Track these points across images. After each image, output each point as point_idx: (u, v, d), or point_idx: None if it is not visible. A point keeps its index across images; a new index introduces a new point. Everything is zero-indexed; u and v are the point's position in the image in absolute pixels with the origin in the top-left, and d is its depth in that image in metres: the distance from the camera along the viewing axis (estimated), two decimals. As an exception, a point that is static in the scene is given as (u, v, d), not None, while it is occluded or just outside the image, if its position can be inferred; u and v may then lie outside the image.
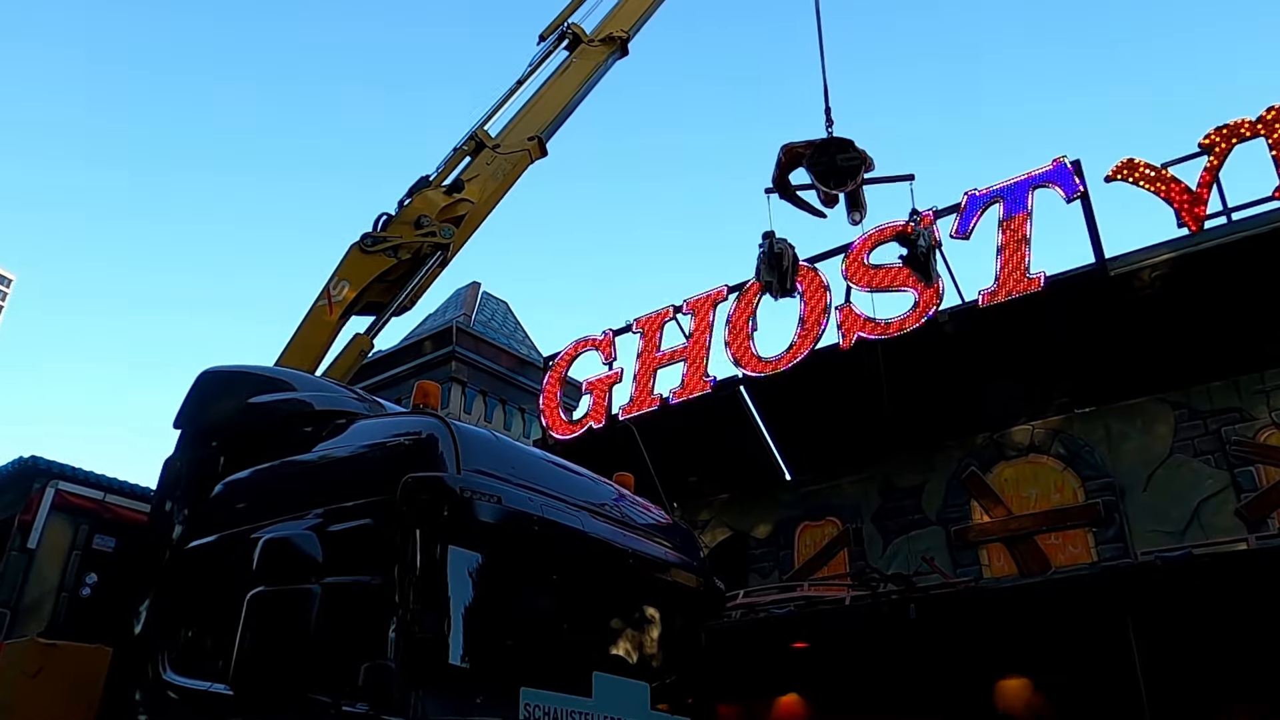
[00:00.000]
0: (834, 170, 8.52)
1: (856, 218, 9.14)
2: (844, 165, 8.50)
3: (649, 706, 4.78)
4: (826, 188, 8.61)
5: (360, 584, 4.09)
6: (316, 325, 7.86)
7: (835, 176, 8.54)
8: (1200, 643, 8.11)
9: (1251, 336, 10.66)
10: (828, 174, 8.55)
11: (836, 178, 8.54)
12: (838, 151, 8.55)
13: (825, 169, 8.55)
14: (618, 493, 5.43)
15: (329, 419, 5.22)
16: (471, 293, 18.60)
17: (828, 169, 8.53)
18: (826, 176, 8.55)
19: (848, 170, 8.51)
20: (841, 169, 8.51)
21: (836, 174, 8.54)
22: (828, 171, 8.54)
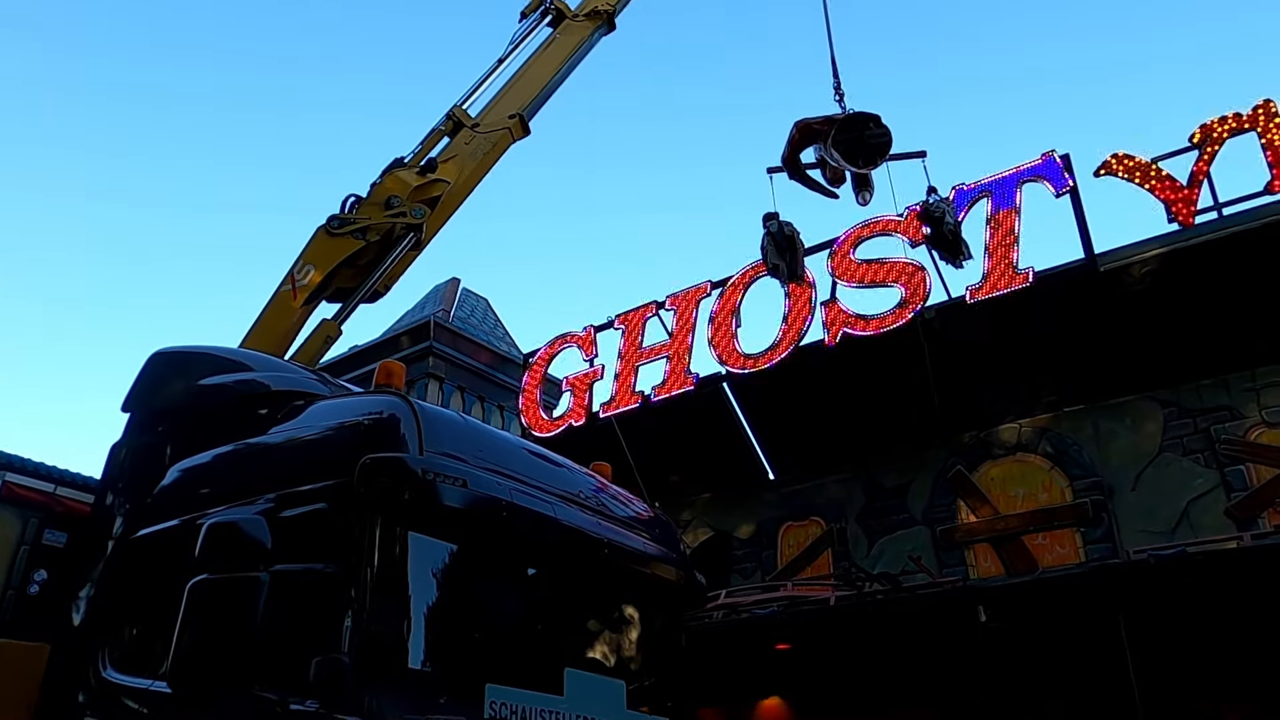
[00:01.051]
0: (862, 146, 7.95)
1: (865, 198, 8.72)
2: (873, 142, 7.93)
3: (625, 706, 4.49)
4: (855, 166, 8.05)
5: (313, 572, 3.79)
6: (280, 311, 7.51)
7: (864, 153, 7.97)
8: (1192, 641, 7.91)
9: (1242, 334, 10.50)
10: (854, 151, 7.98)
11: (865, 155, 7.96)
12: (864, 127, 7.98)
13: (851, 145, 7.97)
14: (595, 481, 5.15)
15: (286, 400, 4.91)
16: (450, 288, 18.28)
17: (854, 145, 7.96)
18: (854, 154, 7.98)
19: (876, 147, 7.96)
20: (870, 145, 7.95)
21: (865, 151, 7.97)
22: (854, 148, 7.97)
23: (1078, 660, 8.57)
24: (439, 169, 8.29)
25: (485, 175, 8.72)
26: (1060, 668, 8.84)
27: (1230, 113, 10.69)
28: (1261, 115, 10.44)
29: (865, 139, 7.91)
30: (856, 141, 7.95)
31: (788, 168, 8.74)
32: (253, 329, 7.55)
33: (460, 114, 8.76)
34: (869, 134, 7.92)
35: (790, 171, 8.76)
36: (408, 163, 8.29)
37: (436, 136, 8.65)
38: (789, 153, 8.60)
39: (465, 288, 18.90)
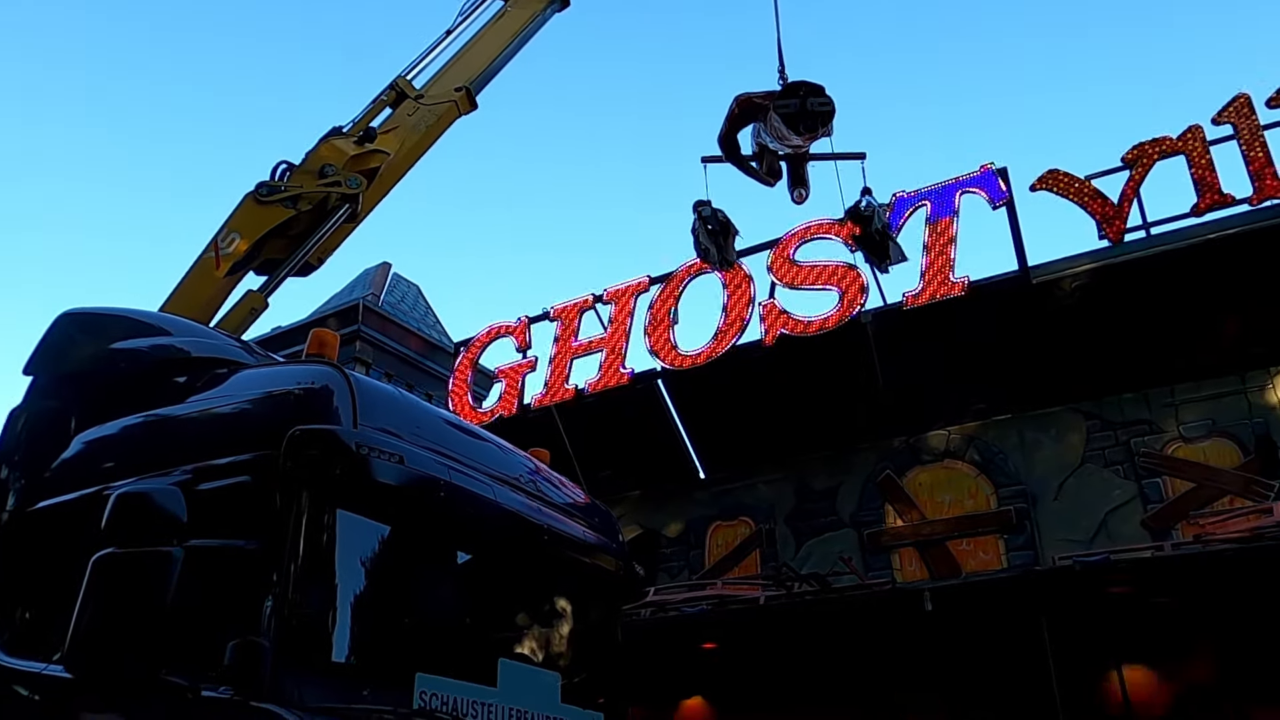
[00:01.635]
0: (804, 115, 7.52)
1: (801, 195, 8.45)
2: (816, 110, 7.50)
3: (559, 699, 4.30)
4: (796, 134, 7.62)
5: (232, 549, 3.51)
6: (201, 279, 7.09)
7: (805, 121, 7.53)
8: (1112, 645, 8.08)
9: (1164, 350, 10.81)
10: (797, 118, 7.54)
11: (806, 123, 7.53)
12: (809, 94, 7.55)
13: (793, 113, 7.54)
14: (534, 466, 4.95)
15: (207, 368, 4.59)
16: (381, 273, 17.79)
17: (797, 113, 7.53)
18: (795, 120, 7.53)
19: (820, 115, 7.51)
20: (813, 114, 7.51)
21: (807, 119, 7.53)
22: (797, 116, 7.53)
23: (1001, 662, 8.67)
24: (379, 139, 7.96)
25: (428, 149, 8.40)
26: (984, 670, 8.94)
27: (1161, 136, 11.00)
28: (1190, 139, 10.77)
29: (808, 107, 7.54)
30: (799, 110, 7.57)
31: (723, 146, 8.40)
32: (171, 297, 7.12)
33: (404, 84, 8.43)
34: (814, 101, 7.55)
35: (725, 151, 8.42)
36: (346, 132, 7.94)
37: (378, 107, 8.31)
38: (727, 129, 8.25)
39: (396, 273, 18.43)
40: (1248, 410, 10.52)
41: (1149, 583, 7.66)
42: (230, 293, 7.41)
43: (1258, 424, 10.39)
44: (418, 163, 8.35)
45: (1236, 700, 7.86)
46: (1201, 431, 10.67)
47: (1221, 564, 7.49)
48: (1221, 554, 7.56)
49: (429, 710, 3.56)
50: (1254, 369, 10.61)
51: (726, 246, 8.89)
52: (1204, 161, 10.59)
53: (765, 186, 8.50)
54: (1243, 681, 7.96)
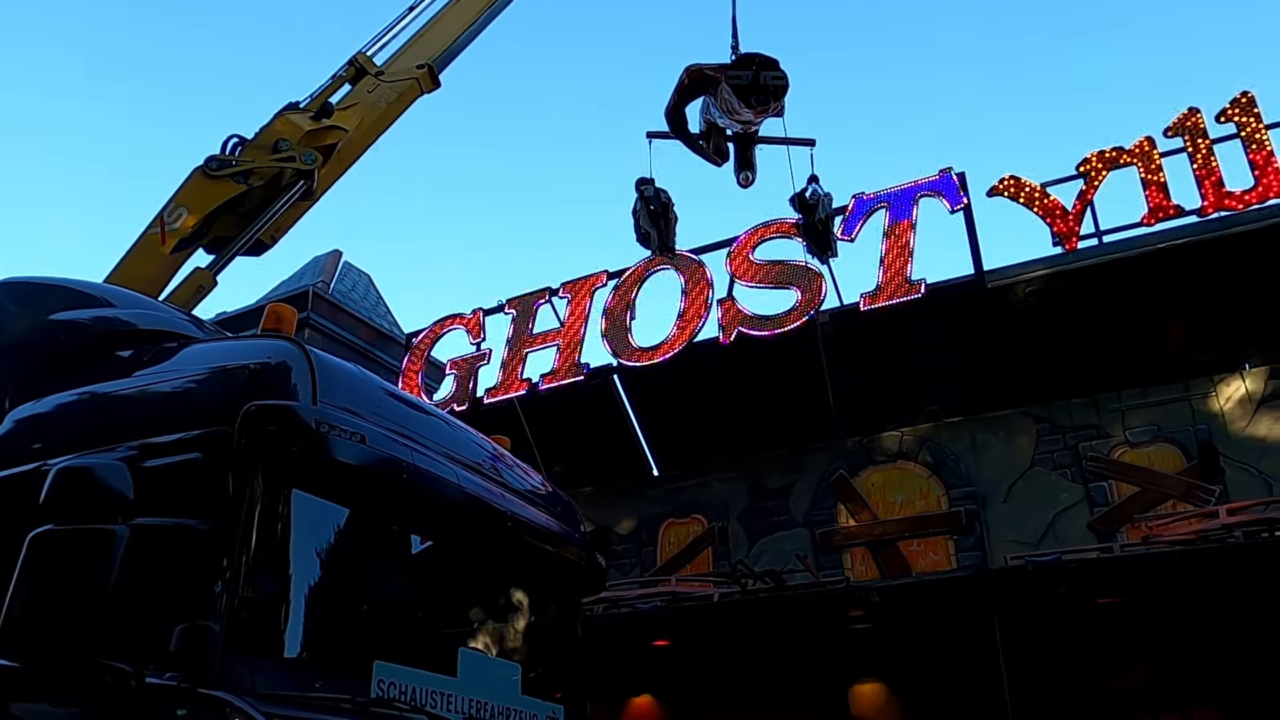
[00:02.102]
0: (757, 88, 7.20)
1: (747, 177, 8.26)
2: (769, 84, 7.20)
3: (520, 691, 4.17)
4: (747, 107, 7.31)
5: (181, 529, 3.32)
6: (145, 255, 6.79)
7: (758, 95, 7.23)
8: (1062, 644, 8.18)
9: (1112, 357, 11.02)
10: (748, 91, 7.21)
11: (759, 96, 7.22)
12: (763, 67, 7.22)
13: (745, 85, 7.20)
14: (495, 451, 4.80)
15: (154, 341, 4.37)
16: (331, 260, 17.41)
17: (749, 86, 7.20)
18: (747, 93, 7.20)
19: (772, 90, 7.22)
20: (765, 87, 7.20)
21: (759, 92, 7.23)
22: (749, 88, 7.20)
23: (953, 661, 8.74)
24: (337, 116, 7.71)
25: (388, 127, 8.18)
26: (936, 669, 8.99)
27: (1114, 146, 11.22)
28: (1142, 151, 11.00)
29: (761, 80, 7.23)
30: (751, 82, 7.25)
31: (670, 118, 8.05)
32: (112, 273, 6.81)
33: (364, 60, 8.19)
34: (767, 75, 7.26)
35: (672, 124, 8.09)
36: (303, 108, 7.69)
37: (336, 83, 8.07)
38: (675, 101, 7.91)
39: (347, 261, 18.06)
40: (1191, 417, 10.77)
41: (1099, 584, 7.77)
42: (177, 271, 7.13)
43: (1200, 430, 10.65)
44: (377, 141, 8.12)
45: (1181, 701, 8.02)
46: (1147, 437, 10.89)
47: (1169, 566, 7.63)
48: (1169, 555, 7.70)
49: (387, 699, 3.41)
50: (1197, 376, 10.87)
51: (668, 231, 8.64)
52: (1155, 173, 10.82)
53: (713, 166, 8.29)
54: (1186, 682, 8.12)
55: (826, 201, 8.69)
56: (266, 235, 7.43)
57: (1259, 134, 10.46)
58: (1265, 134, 10.44)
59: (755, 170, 8.43)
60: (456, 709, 3.74)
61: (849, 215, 12.14)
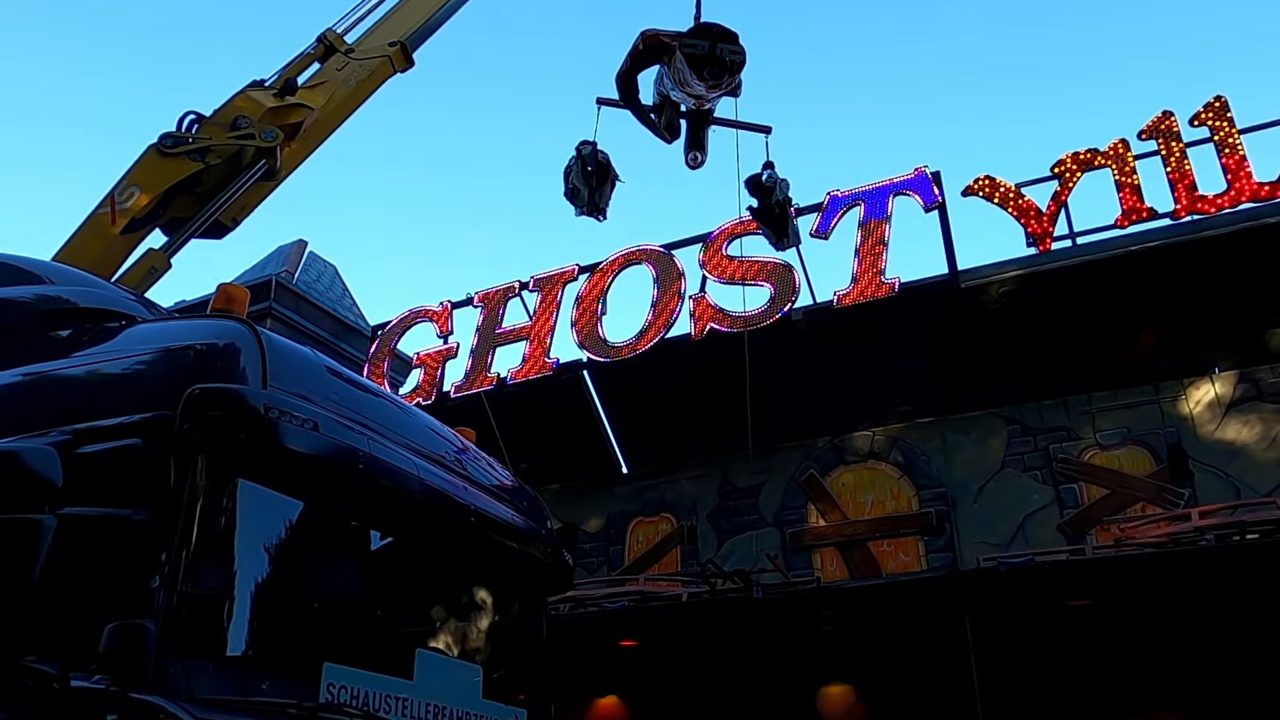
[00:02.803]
0: (712, 60, 6.69)
1: (697, 159, 7.85)
2: (726, 57, 6.68)
3: (480, 694, 3.97)
4: (699, 80, 6.79)
5: (115, 520, 3.07)
6: (94, 236, 6.46)
7: (712, 68, 6.71)
8: (1033, 646, 8.12)
9: (1084, 359, 11.01)
10: (703, 62, 6.71)
11: (713, 70, 6.70)
12: (721, 39, 6.72)
13: (701, 55, 6.71)
14: (459, 443, 4.59)
15: (96, 321, 4.11)
16: (296, 250, 17.01)
17: (704, 56, 6.70)
18: (701, 65, 6.69)
19: (729, 66, 6.72)
20: (721, 61, 6.69)
21: (714, 65, 6.71)
22: (703, 60, 6.70)
23: (923, 662, 8.64)
24: (304, 94, 7.43)
25: (357, 106, 7.90)
26: (906, 670, 8.90)
27: (1088, 148, 11.20)
28: (1116, 153, 10.99)
29: (717, 53, 6.71)
30: (707, 53, 6.73)
31: (621, 85, 7.57)
32: (58, 254, 6.49)
33: (333, 38, 7.91)
34: (725, 48, 6.75)
35: (622, 91, 7.61)
36: (267, 85, 7.40)
37: (304, 61, 7.77)
38: (628, 66, 7.40)
39: (313, 251, 17.67)
40: (1161, 419, 10.78)
41: (1071, 585, 7.71)
42: (129, 253, 6.81)
43: (1170, 433, 10.66)
44: (346, 120, 7.85)
45: (1150, 702, 7.98)
46: (1117, 439, 10.89)
47: (1142, 568, 7.58)
48: (1142, 558, 7.65)
49: (337, 704, 3.20)
50: (1167, 379, 10.89)
51: (602, 193, 7.94)
52: (1129, 175, 10.82)
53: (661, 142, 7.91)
54: (1155, 684, 8.08)
55: (783, 185, 8.14)
56: (227, 217, 7.13)
57: (1231, 138, 10.49)
58: (1238, 138, 10.47)
59: (706, 152, 8.03)
60: (412, 713, 3.53)
61: (824, 212, 12.05)
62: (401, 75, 8.19)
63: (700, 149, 7.84)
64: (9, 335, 4.17)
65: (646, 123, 7.85)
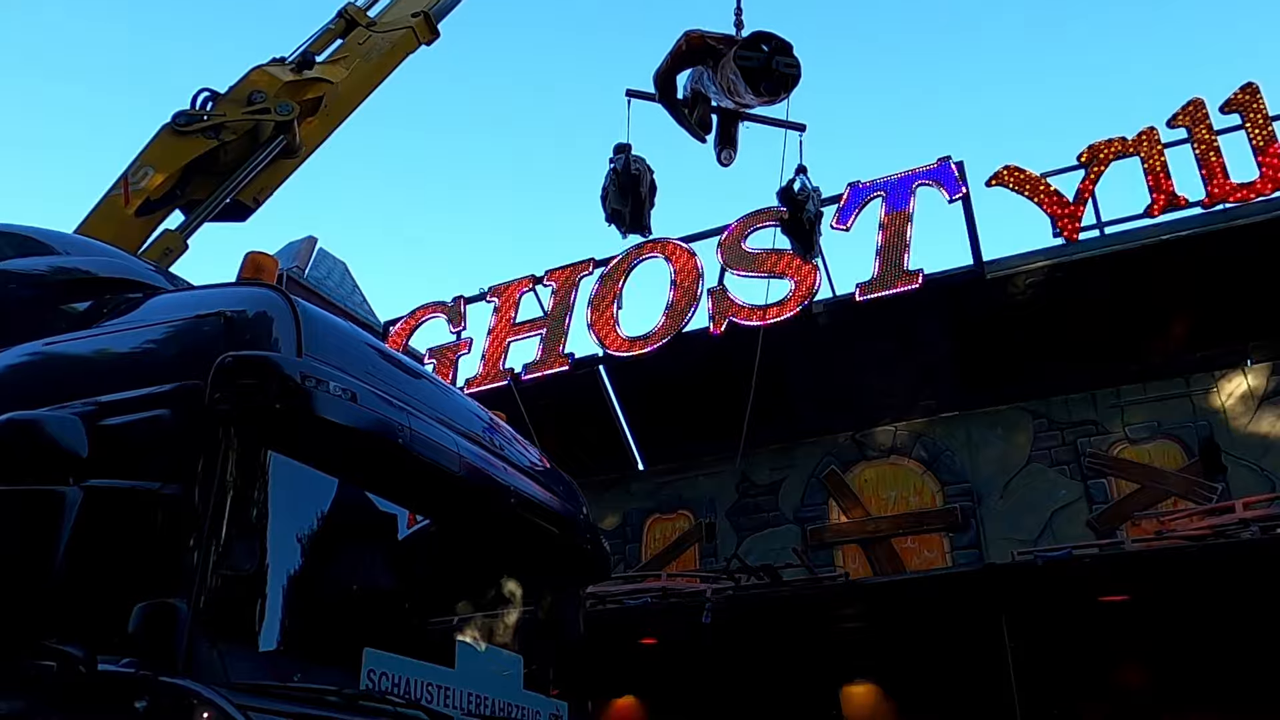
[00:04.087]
0: (768, 73, 6.48)
1: (729, 156, 7.70)
2: (782, 71, 6.47)
3: (521, 685, 3.76)
4: (756, 94, 6.64)
5: (143, 493, 2.88)
6: (107, 218, 6.26)
7: (768, 81, 6.52)
8: (1069, 642, 7.90)
9: (1112, 351, 10.79)
10: (758, 75, 6.50)
11: (769, 83, 6.52)
12: (776, 52, 6.50)
13: (756, 69, 6.49)
14: (494, 422, 4.39)
15: (117, 291, 3.92)
16: (307, 246, 16.85)
17: (759, 70, 6.48)
18: (756, 78, 6.50)
19: (783, 80, 6.53)
20: (777, 75, 6.48)
21: (770, 79, 6.52)
22: (759, 73, 6.49)
23: (952, 660, 8.42)
24: (325, 68, 7.23)
25: (381, 80, 7.70)
26: (934, 668, 8.68)
27: (1117, 136, 10.99)
28: (1145, 141, 10.77)
29: (773, 66, 6.51)
30: (762, 66, 6.51)
31: (659, 83, 7.32)
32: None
33: (354, 12, 7.71)
34: (781, 60, 6.54)
35: (660, 90, 7.37)
36: (286, 62, 7.21)
37: (326, 37, 7.58)
38: (668, 65, 7.18)
39: (322, 248, 17.50)
40: (1192, 413, 10.56)
41: (1111, 579, 7.49)
42: (146, 237, 6.62)
43: (1201, 426, 10.43)
44: (370, 95, 7.65)
45: (1191, 699, 7.75)
46: (1146, 433, 10.66)
47: (1183, 561, 7.36)
48: (1185, 551, 7.43)
49: (378, 692, 2.99)
50: (1199, 372, 10.66)
51: (641, 208, 7.64)
52: (1158, 163, 10.61)
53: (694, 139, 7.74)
54: (1192, 682, 7.86)
55: (816, 197, 8.01)
56: (248, 196, 6.94)
57: (1264, 125, 10.26)
58: (1270, 125, 10.25)
59: (737, 148, 7.90)
60: (454, 703, 3.33)
61: (844, 204, 11.85)
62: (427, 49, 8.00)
63: (732, 146, 7.70)
64: (24, 308, 3.98)
65: (682, 121, 7.66)
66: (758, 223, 12.23)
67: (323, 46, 7.53)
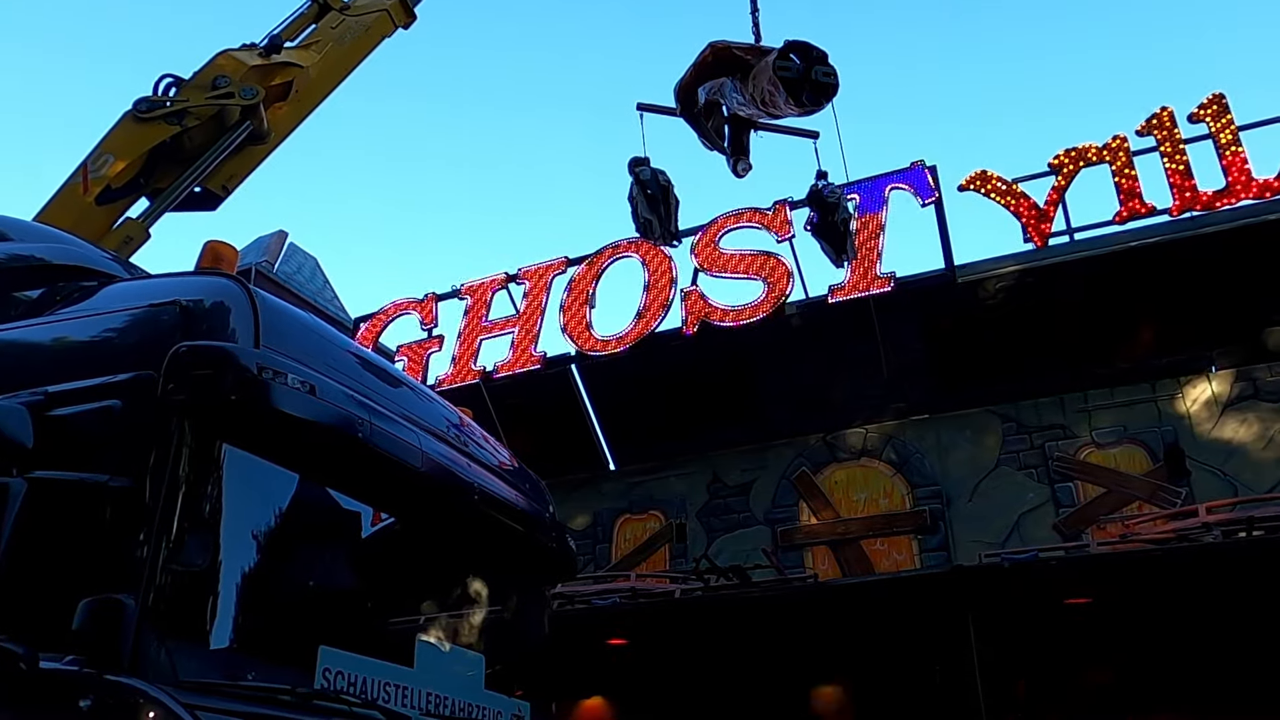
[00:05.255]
0: (808, 83, 6.32)
1: (746, 166, 7.65)
2: (821, 80, 6.31)
3: (483, 685, 3.71)
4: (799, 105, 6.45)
5: (91, 485, 2.80)
6: (65, 206, 6.10)
7: (809, 91, 6.34)
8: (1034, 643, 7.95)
9: (1081, 356, 10.90)
10: (799, 85, 6.33)
11: (810, 93, 6.33)
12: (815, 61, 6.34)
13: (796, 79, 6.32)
14: (460, 419, 4.33)
15: (70, 279, 3.82)
16: (276, 240, 16.65)
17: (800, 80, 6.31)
18: (798, 88, 6.32)
19: (824, 89, 6.35)
20: (818, 84, 6.32)
21: (811, 89, 6.35)
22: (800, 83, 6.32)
23: (923, 661, 8.45)
24: (296, 53, 7.10)
25: (355, 65, 7.57)
26: (904, 669, 8.70)
27: (1086, 144, 11.09)
28: (1115, 149, 10.89)
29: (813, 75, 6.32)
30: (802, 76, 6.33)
31: (681, 96, 7.21)
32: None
33: None
34: (820, 70, 6.36)
35: (682, 103, 7.26)
36: (255, 47, 7.07)
37: (300, 22, 7.44)
38: (691, 77, 7.06)
39: (293, 242, 17.30)
40: (1157, 418, 10.67)
41: (1076, 581, 7.54)
42: (109, 226, 6.46)
43: (1166, 432, 10.55)
44: (343, 81, 7.52)
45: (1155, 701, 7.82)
46: (1113, 438, 10.77)
47: (1148, 564, 7.43)
48: (1150, 554, 7.50)
49: (333, 691, 2.93)
50: (1164, 378, 10.78)
51: (669, 216, 7.84)
52: (1127, 171, 10.72)
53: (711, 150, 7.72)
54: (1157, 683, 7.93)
55: (845, 201, 8.09)
56: (217, 184, 6.79)
57: (1231, 135, 10.41)
58: (1237, 135, 10.39)
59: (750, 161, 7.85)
60: (412, 703, 3.27)
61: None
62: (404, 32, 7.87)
63: (745, 156, 7.65)
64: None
65: (704, 134, 7.62)
66: (733, 224, 12.24)
67: (296, 31, 7.40)
